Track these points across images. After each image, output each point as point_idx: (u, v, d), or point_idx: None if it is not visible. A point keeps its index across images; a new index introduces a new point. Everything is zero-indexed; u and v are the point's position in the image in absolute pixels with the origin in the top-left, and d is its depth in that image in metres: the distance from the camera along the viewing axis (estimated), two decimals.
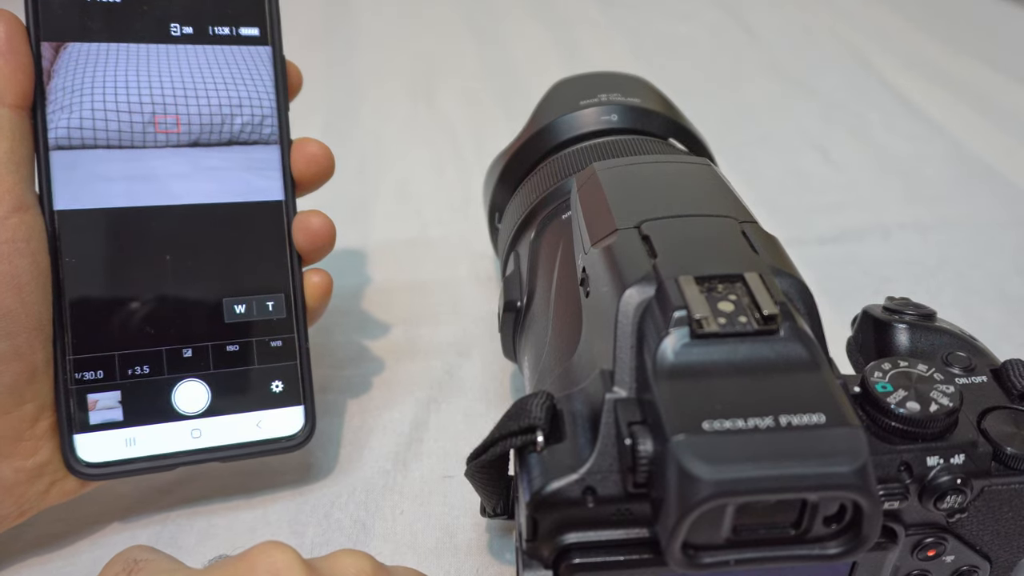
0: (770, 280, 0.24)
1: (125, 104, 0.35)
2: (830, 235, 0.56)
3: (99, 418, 0.33)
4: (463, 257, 0.54)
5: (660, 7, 0.94)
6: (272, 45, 0.37)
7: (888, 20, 0.91)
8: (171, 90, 0.35)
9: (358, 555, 0.26)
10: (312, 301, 0.37)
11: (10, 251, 0.31)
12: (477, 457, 0.27)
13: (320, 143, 0.37)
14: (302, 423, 0.36)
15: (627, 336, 0.24)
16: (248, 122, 0.36)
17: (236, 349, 0.35)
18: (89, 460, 0.33)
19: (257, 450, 0.35)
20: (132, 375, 0.34)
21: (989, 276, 0.52)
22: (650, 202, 0.29)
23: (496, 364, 0.45)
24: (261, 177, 0.36)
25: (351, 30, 0.87)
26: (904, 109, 0.72)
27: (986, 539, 0.27)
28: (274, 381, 0.36)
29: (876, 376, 0.26)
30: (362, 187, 0.61)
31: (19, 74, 0.32)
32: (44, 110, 0.33)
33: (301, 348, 0.36)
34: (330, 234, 0.37)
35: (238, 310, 0.35)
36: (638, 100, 0.42)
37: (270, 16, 0.37)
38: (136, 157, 0.35)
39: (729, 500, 0.20)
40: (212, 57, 0.36)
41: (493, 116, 0.71)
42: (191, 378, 0.35)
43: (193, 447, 0.34)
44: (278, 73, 0.37)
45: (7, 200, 0.31)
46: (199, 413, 0.35)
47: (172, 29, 0.36)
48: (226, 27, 0.36)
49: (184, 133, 0.35)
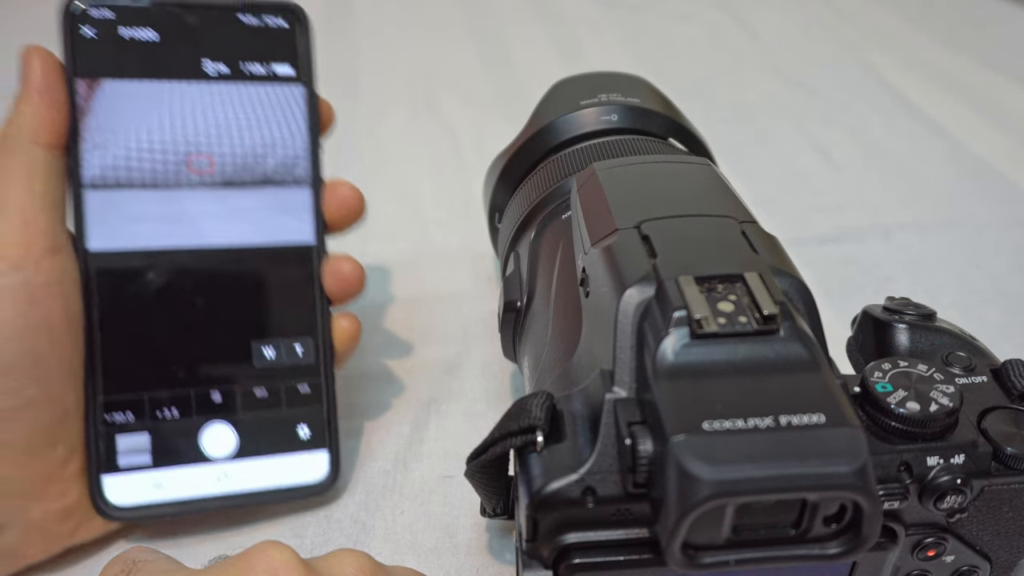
0: (770, 280, 0.24)
1: (159, 143, 0.34)
2: (830, 235, 0.56)
3: (128, 460, 0.33)
4: (463, 257, 0.53)
5: (660, 7, 0.94)
6: (306, 85, 0.37)
7: (888, 20, 0.91)
8: (205, 129, 0.35)
9: (357, 555, 0.26)
10: (340, 345, 0.37)
11: (44, 295, 0.30)
12: (477, 457, 0.27)
13: (352, 185, 0.37)
14: (327, 468, 0.36)
15: (627, 336, 0.24)
16: (281, 163, 0.36)
17: (264, 393, 0.35)
18: (117, 503, 0.33)
19: (282, 495, 0.35)
20: (161, 418, 0.34)
21: (989, 276, 0.52)
22: (650, 202, 0.29)
23: (496, 364, 0.45)
24: (293, 219, 0.36)
25: (351, 30, 0.87)
26: (904, 109, 0.72)
27: (986, 539, 0.27)
28: (301, 425, 0.36)
29: (876, 376, 0.26)
30: (362, 187, 0.61)
31: (54, 113, 0.32)
32: (78, 148, 0.33)
33: (328, 392, 0.36)
34: (360, 280, 0.37)
35: (267, 354, 0.35)
36: (638, 100, 0.42)
37: (304, 55, 0.37)
38: (169, 197, 0.34)
39: (729, 500, 0.20)
40: (246, 96, 0.36)
41: (493, 117, 0.71)
42: (219, 421, 0.35)
43: (219, 492, 0.34)
44: (311, 113, 0.37)
45: (40, 242, 0.30)
46: (227, 457, 0.35)
47: (207, 67, 0.35)
48: (261, 66, 0.36)
49: (217, 173, 0.35)
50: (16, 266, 0.30)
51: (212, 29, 0.35)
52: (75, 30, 0.33)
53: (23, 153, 0.31)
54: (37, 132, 0.31)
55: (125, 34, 0.34)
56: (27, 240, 0.30)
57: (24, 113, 0.31)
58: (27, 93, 0.32)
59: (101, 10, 0.34)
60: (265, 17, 0.36)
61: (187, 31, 0.35)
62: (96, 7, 0.33)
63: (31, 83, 0.32)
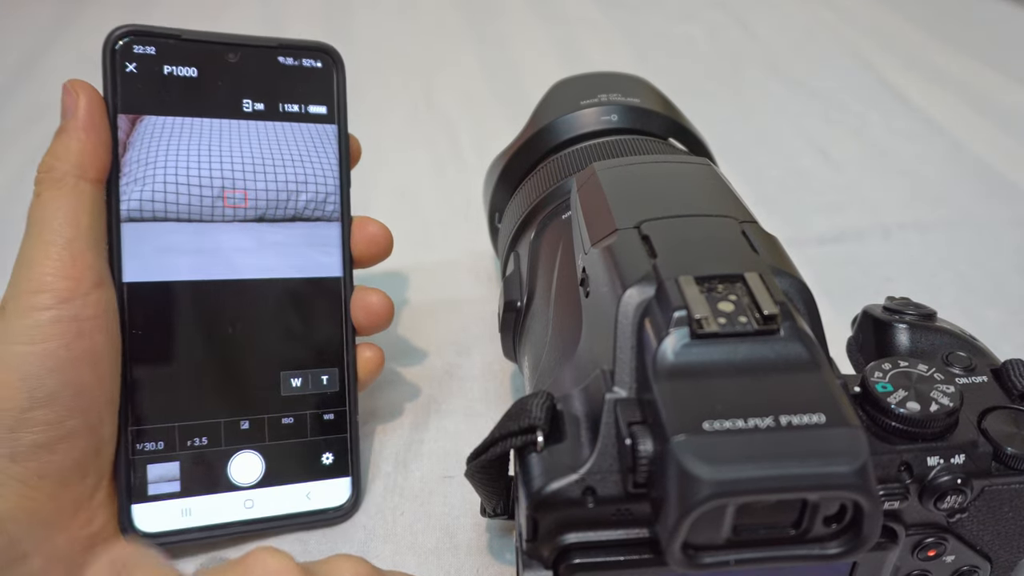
0: (770, 280, 0.24)
1: (196, 178, 0.35)
2: (830, 235, 0.56)
3: (157, 489, 0.34)
4: (463, 257, 0.54)
5: (660, 7, 0.94)
6: (338, 123, 0.37)
7: (888, 20, 0.91)
8: (240, 165, 0.35)
9: (355, 560, 0.26)
10: (364, 375, 0.37)
11: (91, 328, 0.31)
12: (477, 457, 0.27)
13: (380, 224, 0.38)
14: (349, 494, 0.36)
15: (627, 336, 0.24)
16: (312, 199, 0.37)
17: (291, 421, 0.36)
18: (146, 530, 0.33)
19: (306, 520, 0.36)
20: (191, 446, 0.34)
21: (989, 276, 0.52)
22: (650, 202, 0.29)
23: (496, 364, 0.45)
24: (322, 253, 0.37)
25: (351, 29, 0.87)
26: (904, 109, 0.72)
27: (986, 539, 0.27)
28: (325, 453, 0.36)
29: (876, 376, 0.26)
30: (362, 187, 0.60)
31: (100, 149, 0.32)
32: (118, 182, 0.33)
33: (351, 421, 0.37)
34: (389, 313, 0.37)
35: (294, 383, 0.36)
36: (638, 100, 0.42)
37: (338, 95, 0.37)
38: (203, 231, 0.35)
39: (729, 500, 0.20)
40: (281, 134, 0.36)
41: (493, 116, 0.71)
42: (247, 450, 0.35)
43: (245, 517, 0.35)
44: (342, 151, 0.37)
45: (88, 276, 0.31)
46: (253, 484, 0.35)
47: (244, 105, 0.36)
48: (296, 105, 0.37)
49: (251, 208, 0.36)
50: (65, 300, 0.30)
51: (250, 68, 0.36)
52: (119, 66, 0.34)
53: (71, 188, 0.31)
54: (85, 168, 0.32)
55: (166, 70, 0.34)
56: (76, 275, 0.30)
57: (71, 148, 0.32)
58: (73, 128, 0.32)
59: (144, 46, 0.34)
60: (302, 58, 0.37)
61: (226, 69, 0.35)
62: (140, 44, 0.34)
63: (77, 119, 0.32)
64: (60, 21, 0.88)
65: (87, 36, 0.33)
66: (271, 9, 0.91)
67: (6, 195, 0.58)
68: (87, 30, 0.84)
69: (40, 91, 0.74)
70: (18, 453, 0.29)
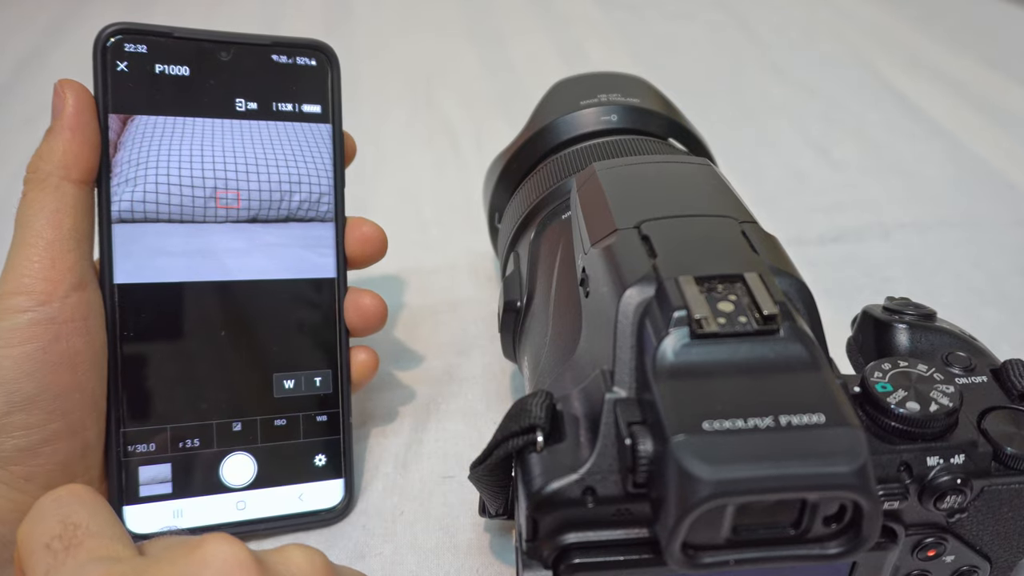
0: (770, 280, 0.24)
1: (188, 179, 0.34)
2: (830, 235, 0.56)
3: (149, 490, 0.34)
4: (463, 257, 0.54)
5: (660, 7, 0.94)
6: (333, 123, 0.37)
7: (888, 20, 0.91)
8: (233, 165, 0.35)
9: (310, 551, 0.25)
10: (358, 377, 0.37)
11: (69, 331, 0.30)
12: (482, 462, 0.27)
13: (374, 224, 0.37)
14: (341, 495, 0.36)
15: (627, 336, 0.24)
16: (306, 199, 0.36)
17: (284, 423, 0.36)
18: (137, 531, 0.33)
19: (298, 522, 0.36)
20: (183, 448, 0.34)
21: (989, 276, 0.52)
22: (650, 202, 0.29)
23: (496, 364, 0.45)
24: (316, 254, 0.36)
25: (351, 29, 0.87)
26: (904, 109, 0.72)
27: (986, 539, 0.27)
28: (318, 455, 0.36)
29: (876, 376, 0.26)
30: (362, 187, 0.61)
31: (86, 149, 0.32)
32: (108, 183, 0.33)
33: (344, 423, 0.37)
34: (382, 314, 0.37)
35: (287, 385, 0.36)
36: (638, 100, 0.42)
37: (332, 94, 0.37)
38: (195, 232, 0.35)
39: (729, 500, 0.20)
40: (274, 133, 0.36)
41: (493, 117, 0.71)
42: (239, 451, 0.35)
43: (237, 519, 0.35)
44: (336, 151, 0.37)
45: (67, 278, 0.30)
46: (245, 486, 0.35)
47: (237, 104, 0.35)
48: (289, 104, 0.36)
49: (244, 209, 0.35)
50: (41, 302, 0.30)
51: (243, 66, 0.35)
52: (109, 65, 0.33)
53: (53, 189, 0.31)
54: (69, 168, 0.31)
55: (158, 69, 0.34)
56: (54, 277, 0.30)
57: (55, 149, 0.31)
58: (59, 128, 0.31)
59: (135, 45, 0.34)
60: (296, 56, 0.36)
61: (219, 68, 0.35)
62: (131, 42, 0.34)
63: (64, 118, 0.31)
64: (60, 21, 0.88)
65: (87, 36, 0.33)
66: (271, 9, 0.91)
67: (6, 195, 0.58)
68: (87, 30, 0.84)
69: (40, 91, 0.74)
70: (1, 457, 0.29)
